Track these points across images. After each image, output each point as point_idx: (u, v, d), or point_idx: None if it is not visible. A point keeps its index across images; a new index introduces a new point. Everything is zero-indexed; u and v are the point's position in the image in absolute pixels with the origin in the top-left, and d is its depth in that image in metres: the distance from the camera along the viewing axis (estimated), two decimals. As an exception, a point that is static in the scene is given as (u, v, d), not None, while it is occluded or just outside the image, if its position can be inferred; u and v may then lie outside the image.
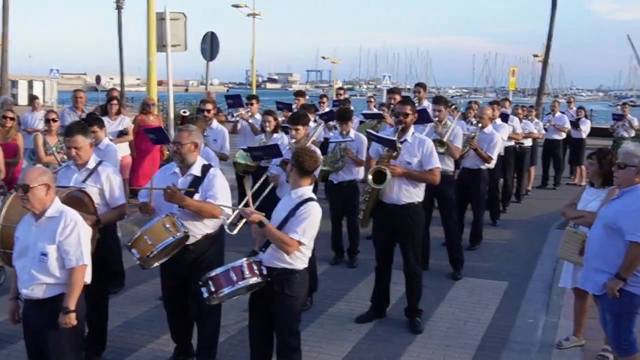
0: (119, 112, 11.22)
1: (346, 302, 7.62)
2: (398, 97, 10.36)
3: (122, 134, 10.92)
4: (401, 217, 6.68)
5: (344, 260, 9.17)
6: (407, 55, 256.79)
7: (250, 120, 10.82)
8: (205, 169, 5.50)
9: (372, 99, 15.44)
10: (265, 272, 4.85)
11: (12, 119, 9.50)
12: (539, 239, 10.59)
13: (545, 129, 15.46)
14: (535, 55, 37.26)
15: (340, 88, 16.83)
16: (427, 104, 11.24)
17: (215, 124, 9.62)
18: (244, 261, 4.80)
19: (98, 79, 46.50)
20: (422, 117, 8.86)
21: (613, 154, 5.96)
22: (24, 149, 9.75)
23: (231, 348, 6.23)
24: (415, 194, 6.71)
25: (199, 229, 5.44)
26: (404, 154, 6.64)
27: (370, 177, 6.60)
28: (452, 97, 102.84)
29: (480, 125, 9.47)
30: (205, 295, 4.83)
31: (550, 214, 12.48)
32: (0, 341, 6.13)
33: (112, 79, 58.55)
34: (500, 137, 9.69)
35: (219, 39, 15.97)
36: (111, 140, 10.38)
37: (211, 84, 19.20)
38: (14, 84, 45.80)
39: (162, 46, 12.26)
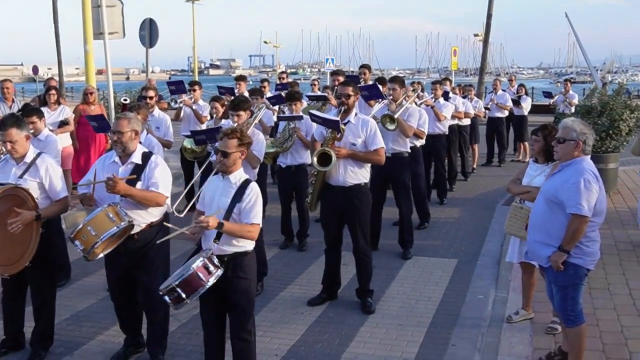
0: (58, 102, 10.90)
1: (298, 285, 7.60)
2: (341, 79, 10.33)
3: (62, 124, 10.61)
4: (348, 199, 6.67)
5: (294, 244, 9.14)
6: (350, 38, 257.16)
7: (193, 107, 10.73)
8: (146, 156, 5.39)
9: (316, 82, 15.41)
10: (217, 261, 4.79)
11: None
12: (486, 216, 10.75)
13: (488, 108, 15.74)
14: (476, 35, 37.70)
15: (283, 72, 16.68)
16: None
17: (157, 111, 9.45)
18: (203, 258, 4.70)
19: (35, 69, 45.17)
20: (373, 93, 9.16)
21: (557, 130, 6.07)
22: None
23: (183, 336, 6.14)
24: (361, 175, 6.70)
25: (143, 218, 5.35)
26: (347, 135, 6.61)
27: (315, 159, 6.57)
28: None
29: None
30: (173, 304, 4.73)
31: (496, 190, 12.70)
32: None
33: (50, 69, 56.99)
34: (425, 113, 9.76)
35: (157, 25, 15.66)
36: (51, 131, 10.10)
37: (152, 72, 18.88)
38: (-54, 75, 44.25)
39: (99, 34, 11.96)
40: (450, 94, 12.96)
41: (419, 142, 9.76)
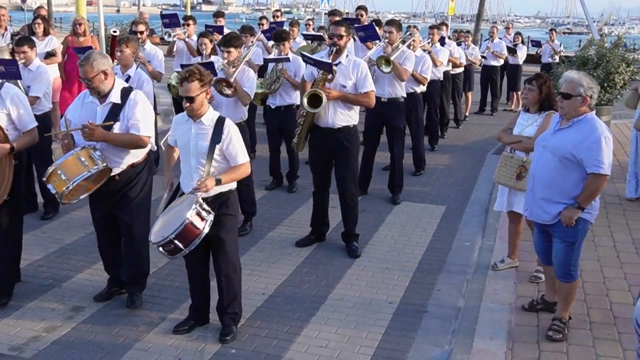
0: (46, 33, 10.66)
1: (286, 226, 7.63)
2: (338, 19, 10.19)
3: (49, 55, 10.41)
4: (337, 140, 6.62)
5: (283, 185, 9.14)
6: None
7: (187, 40, 10.61)
8: (125, 93, 5.17)
9: (311, 22, 15.19)
10: (206, 205, 4.74)
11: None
12: (476, 164, 10.76)
13: (484, 57, 15.56)
14: (475, -20, 37.07)
15: (277, 10, 16.39)
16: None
17: (148, 45, 9.30)
18: (195, 205, 4.59)
19: (23, -3, 44.18)
20: (369, 34, 9.00)
21: (552, 80, 6.01)
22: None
23: (171, 273, 6.19)
24: (350, 117, 6.63)
25: (124, 160, 5.24)
26: (338, 77, 6.50)
27: (305, 100, 6.46)
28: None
29: (411, 48, 9.37)
30: (169, 255, 4.69)
31: (487, 139, 12.69)
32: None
33: (39, -3, 55.69)
34: (429, 58, 9.89)
35: (151, -44, 15.29)
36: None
37: (144, 5, 18.51)
38: None
39: (90, -37, 11.64)
40: (446, 40, 12.80)
41: (420, 89, 9.75)
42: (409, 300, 5.82)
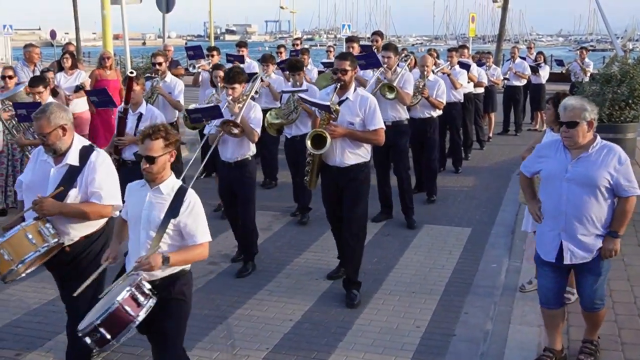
0: (74, 67, 10.95)
1: (312, 252, 7.65)
2: (356, 46, 10.25)
3: (78, 88, 10.66)
4: (347, 177, 6.24)
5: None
6: (366, 4, 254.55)
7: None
8: (85, 154, 4.46)
9: (332, 49, 15.29)
10: (148, 288, 3.99)
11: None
12: (500, 185, 10.72)
13: (507, 79, 15.48)
14: (495, 1, 37.13)
15: (297, 38, 16.45)
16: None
17: (169, 76, 9.44)
18: (130, 287, 3.87)
19: (53, 34, 45.14)
20: (371, 62, 8.92)
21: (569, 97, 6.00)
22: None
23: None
24: (360, 155, 6.24)
25: (79, 231, 4.55)
26: (345, 114, 6.14)
27: (308, 142, 6.09)
28: (413, 45, 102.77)
29: (425, 73, 9.57)
30: (96, 346, 3.87)
31: (512, 159, 12.63)
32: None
33: (67, 33, 57.00)
34: (443, 83, 9.79)
35: (174, -10, 15.59)
36: (68, 95, 10.16)
37: (169, 37, 18.84)
38: (-35, 41, 44.40)
39: (116, -1, 11.93)
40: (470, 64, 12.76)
41: (436, 113, 9.66)
42: (437, 324, 5.79)
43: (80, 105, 10.48)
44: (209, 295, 6.34)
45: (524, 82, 15.73)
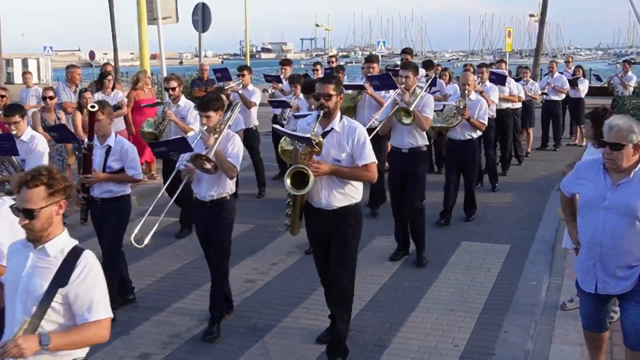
0: (112, 87, 11.16)
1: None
2: (376, 67, 9.97)
3: (116, 108, 10.84)
4: (335, 222, 5.28)
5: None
6: (402, 20, 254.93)
7: (240, 91, 10.72)
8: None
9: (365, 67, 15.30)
10: None
11: (3, 97, 9.46)
12: (540, 201, 10.55)
13: (545, 93, 15.26)
14: (532, 15, 36.90)
15: (332, 56, 16.32)
16: (422, 72, 10.98)
17: (183, 100, 8.98)
18: None
19: (92, 54, 46.12)
20: (386, 83, 8.55)
21: (609, 112, 5.87)
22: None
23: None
24: (350, 195, 5.30)
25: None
26: (330, 147, 5.19)
27: (287, 181, 5.10)
28: (449, 60, 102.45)
29: (466, 92, 9.16)
30: None
31: (551, 175, 12.43)
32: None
33: (106, 54, 58.11)
34: (485, 101, 9.43)
35: (210, 10, 15.79)
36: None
37: (205, 56, 19.09)
38: (9, 62, 45.69)
39: (153, 19, 12.13)
40: (507, 77, 12.59)
41: (477, 134, 9.21)
42: (476, 343, 5.69)
43: (118, 125, 10.65)
44: (245, 312, 6.34)
45: (562, 96, 15.50)
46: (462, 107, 8.96)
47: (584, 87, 15.94)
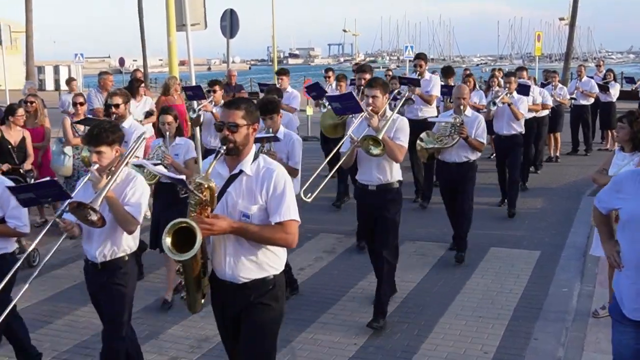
0: (142, 93, 11.30)
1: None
2: (368, 77, 8.64)
3: (149, 114, 10.97)
4: (246, 301, 3.87)
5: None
6: (429, 25, 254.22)
7: (214, 111, 9.53)
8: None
9: (390, 72, 15.24)
10: None
11: (32, 103, 9.59)
12: (570, 206, 10.42)
13: (574, 98, 14.97)
14: (562, 19, 36.57)
15: (357, 63, 15.36)
16: (428, 76, 10.70)
17: (128, 122, 7.51)
18: None
19: (122, 61, 46.77)
20: (349, 105, 6.88)
21: None
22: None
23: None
24: (267, 265, 3.86)
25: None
26: (237, 196, 3.79)
27: (167, 240, 3.56)
28: (477, 65, 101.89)
29: (462, 107, 7.87)
30: None
31: (582, 180, 12.28)
32: (36, 321, 6.19)
33: (135, 60, 58.92)
34: (483, 119, 8.06)
35: (238, 16, 15.91)
36: (140, 122, 10.44)
37: (233, 62, 19.25)
38: (41, 69, 46.56)
39: (181, 25, 12.21)
40: (531, 86, 12.05)
41: (475, 156, 7.99)
42: (505, 350, 5.63)
43: (148, 131, 10.76)
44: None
45: (591, 100, 15.26)
46: (459, 124, 7.79)
47: (615, 91, 15.73)
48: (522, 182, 11.51)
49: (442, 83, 11.34)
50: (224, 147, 3.73)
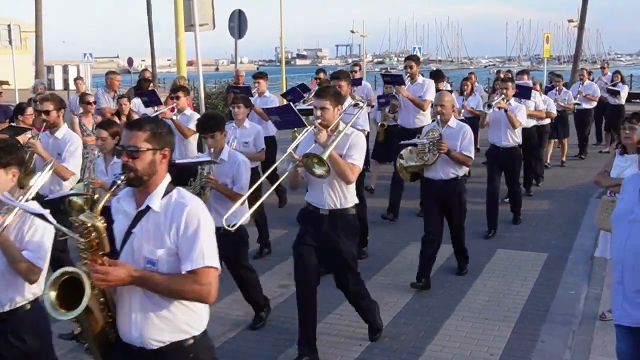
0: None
1: (383, 275, 7.59)
2: (345, 85, 7.64)
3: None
4: None
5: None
6: (437, 26, 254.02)
7: (175, 118, 8.27)
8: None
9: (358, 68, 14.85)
10: None
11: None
12: (578, 209, 10.39)
13: (577, 103, 14.63)
14: (570, 21, 36.40)
15: (355, 64, 14.24)
16: (421, 79, 9.47)
17: (62, 131, 6.54)
18: None
19: (130, 61, 46.97)
20: (288, 119, 6.45)
21: None
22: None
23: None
24: (185, 323, 3.16)
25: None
26: (141, 237, 3.11)
27: (50, 295, 2.97)
28: (485, 67, 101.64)
29: (442, 118, 7.09)
30: None
31: (590, 183, 12.09)
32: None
33: (144, 60, 59.02)
34: (470, 131, 7.15)
35: (246, 16, 15.94)
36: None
37: (241, 62, 19.30)
38: (50, 69, 46.72)
39: (190, 26, 12.25)
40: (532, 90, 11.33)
41: (463, 171, 7.29)
42: (511, 352, 5.61)
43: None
44: (278, 318, 6.36)
45: (594, 104, 15.05)
46: (436, 140, 6.97)
47: (624, 93, 15.60)
48: (527, 190, 11.07)
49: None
50: (122, 177, 3.06)
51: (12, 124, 8.60)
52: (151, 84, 11.49)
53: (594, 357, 5.34)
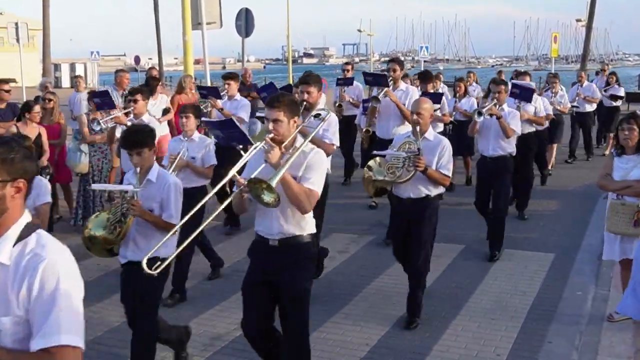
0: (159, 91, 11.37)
1: (389, 275, 7.52)
2: (314, 90, 6.42)
3: (166, 111, 11.04)
4: None
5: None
6: (445, 25, 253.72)
7: (129, 124, 7.17)
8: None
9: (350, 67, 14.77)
10: None
11: (50, 100, 9.64)
12: (586, 209, 10.33)
13: (575, 106, 14.20)
14: (579, 20, 36.31)
15: (347, 63, 13.07)
16: (404, 86, 8.85)
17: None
18: None
19: (137, 59, 47.03)
20: (231, 135, 5.91)
21: None
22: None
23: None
24: None
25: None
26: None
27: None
28: (493, 66, 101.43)
29: (419, 129, 5.96)
30: None
31: (597, 183, 12.17)
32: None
33: (150, 59, 59.25)
34: (448, 142, 6.14)
35: (253, 15, 15.95)
36: (159, 120, 10.48)
37: (248, 61, 19.33)
38: (57, 67, 47.04)
39: (197, 24, 12.28)
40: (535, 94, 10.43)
41: (437, 190, 6.09)
42: (518, 352, 5.59)
43: (165, 129, 10.79)
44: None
45: (594, 106, 14.83)
46: (413, 155, 5.86)
47: (621, 94, 15.51)
48: (520, 210, 9.98)
49: (421, 90, 10.08)
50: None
51: (19, 122, 8.64)
52: (160, 83, 11.47)
53: (601, 358, 5.30)
